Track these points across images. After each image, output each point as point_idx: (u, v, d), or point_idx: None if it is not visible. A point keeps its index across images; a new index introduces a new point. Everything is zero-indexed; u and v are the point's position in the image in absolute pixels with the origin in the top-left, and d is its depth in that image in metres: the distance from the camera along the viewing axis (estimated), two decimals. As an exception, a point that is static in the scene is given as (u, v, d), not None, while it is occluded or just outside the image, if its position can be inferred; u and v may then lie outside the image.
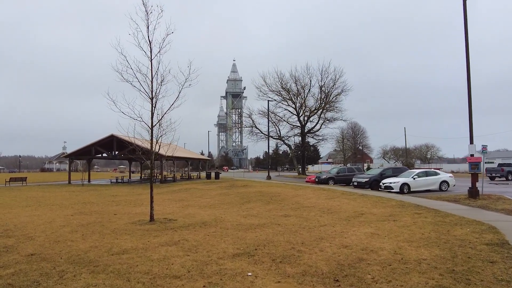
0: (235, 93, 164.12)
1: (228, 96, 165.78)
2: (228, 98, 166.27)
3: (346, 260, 6.81)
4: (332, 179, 30.24)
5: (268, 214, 13.50)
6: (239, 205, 16.81)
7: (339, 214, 13.00)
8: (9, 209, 16.06)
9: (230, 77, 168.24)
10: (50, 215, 14.01)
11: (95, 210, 15.50)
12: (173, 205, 17.01)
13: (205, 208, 15.90)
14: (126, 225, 11.32)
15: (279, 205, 16.07)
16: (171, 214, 13.76)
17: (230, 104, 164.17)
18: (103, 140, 37.27)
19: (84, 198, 21.42)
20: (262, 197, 19.48)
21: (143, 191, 26.48)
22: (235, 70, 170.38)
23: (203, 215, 13.32)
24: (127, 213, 14.42)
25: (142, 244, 8.46)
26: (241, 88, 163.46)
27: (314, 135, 56.03)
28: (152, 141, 12.02)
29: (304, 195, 19.79)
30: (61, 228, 10.83)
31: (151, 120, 11.92)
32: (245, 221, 11.75)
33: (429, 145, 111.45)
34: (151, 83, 11.80)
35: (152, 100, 11.84)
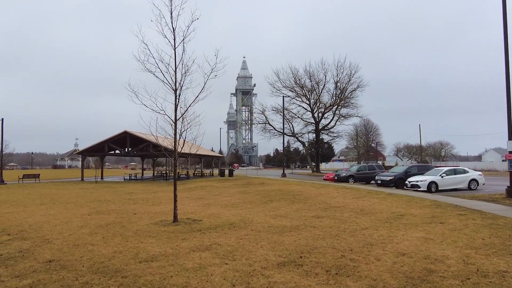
0: (245, 90, 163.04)
1: (238, 93, 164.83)
2: (238, 95, 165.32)
3: (412, 271, 5.84)
4: (352, 177, 29.16)
5: (297, 214, 12.56)
6: (262, 204, 15.89)
7: (376, 215, 12.01)
8: (23, 207, 15.38)
9: (240, 74, 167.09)
10: (66, 214, 13.25)
11: (112, 209, 14.72)
12: (193, 204, 16.16)
13: (228, 207, 15.02)
14: (148, 226, 10.48)
15: (305, 205, 15.12)
16: (194, 214, 12.90)
17: (240, 101, 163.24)
18: (116, 137, 36.61)
19: (99, 195, 20.70)
20: (284, 196, 18.54)
21: (158, 189, 25.74)
22: (245, 67, 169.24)
23: (228, 216, 12.43)
24: (146, 212, 13.60)
25: (171, 249, 7.58)
26: (251, 85, 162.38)
27: (329, 132, 54.86)
28: (176, 136, 11.13)
29: (328, 194, 18.81)
30: (79, 230, 10.03)
31: (174, 113, 11.04)
32: (275, 223, 10.83)
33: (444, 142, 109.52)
34: (174, 73, 10.91)
35: (175, 91, 10.96)
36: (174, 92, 10.97)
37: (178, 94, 10.89)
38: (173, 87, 10.95)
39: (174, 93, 10.97)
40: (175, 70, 10.89)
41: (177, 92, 10.97)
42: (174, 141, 11.18)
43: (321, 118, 53.27)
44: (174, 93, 10.97)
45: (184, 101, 11.16)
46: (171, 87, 10.97)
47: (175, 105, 11.01)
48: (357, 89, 49.69)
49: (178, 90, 10.94)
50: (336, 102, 51.24)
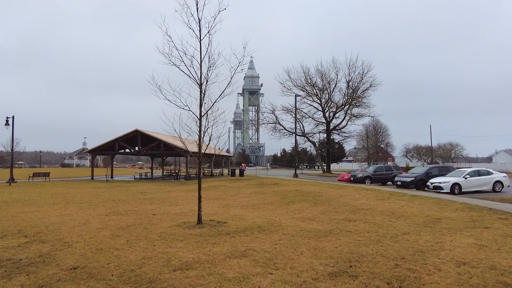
0: (252, 90, 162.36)
1: (245, 93, 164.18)
2: (245, 95, 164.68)
3: (486, 285, 5.16)
4: (369, 178, 28.39)
5: (325, 217, 11.89)
6: (283, 205, 15.23)
7: (411, 218, 11.30)
8: (37, 207, 14.85)
9: (247, 74, 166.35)
10: (82, 214, 12.68)
11: (129, 209, 14.13)
12: (212, 205, 15.52)
13: (249, 208, 14.37)
14: (172, 228, 9.86)
15: (329, 207, 14.44)
16: (216, 215, 12.26)
17: (247, 101, 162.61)
18: (127, 135, 36.10)
19: (112, 195, 20.15)
20: (304, 197, 17.86)
21: (171, 188, 25.16)
22: (252, 67, 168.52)
23: (253, 218, 11.78)
24: (166, 213, 12.99)
25: (204, 255, 6.95)
26: (258, 85, 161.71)
27: (340, 132, 54.01)
28: (201, 133, 10.50)
29: (350, 195, 18.08)
30: (99, 232, 9.43)
31: (199, 109, 10.41)
32: (306, 226, 10.16)
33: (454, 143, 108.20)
34: (199, 66, 10.28)
35: (200, 86, 10.33)
36: (199, 86, 10.34)
37: (203, 89, 10.25)
38: (198, 81, 10.32)
39: (199, 88, 10.34)
40: (200, 63, 10.26)
41: (202, 86, 10.34)
42: (199, 138, 10.54)
43: (333, 118, 52.44)
44: (199, 88, 10.34)
45: (209, 97, 10.53)
46: (196, 81, 10.35)
47: (200, 100, 10.38)
48: (370, 88, 48.84)
49: (203, 84, 10.30)
50: (348, 102, 50.40)
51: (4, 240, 8.49)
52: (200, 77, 10.28)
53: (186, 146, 10.90)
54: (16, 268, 6.21)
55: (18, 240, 8.43)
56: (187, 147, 11.02)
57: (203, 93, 10.25)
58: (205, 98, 10.34)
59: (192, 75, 10.32)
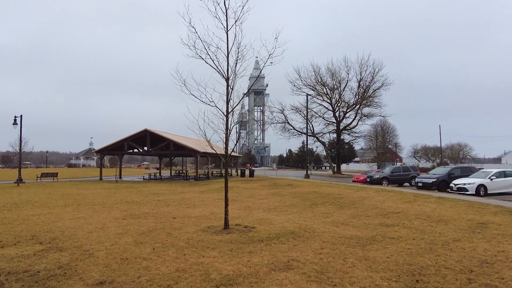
0: (258, 90, 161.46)
1: (251, 93, 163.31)
2: (250, 95, 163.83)
3: None
4: (386, 179, 27.49)
5: (358, 222, 11.09)
6: (307, 208, 14.44)
7: (452, 223, 10.47)
8: (48, 209, 14.14)
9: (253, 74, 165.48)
10: (98, 218, 11.95)
11: (146, 212, 13.39)
12: (231, 207, 14.69)
13: (272, 211, 13.60)
14: (197, 233, 9.09)
15: (357, 210, 13.62)
16: (240, 219, 11.50)
17: (253, 101, 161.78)
18: (136, 135, 35.41)
19: (125, 196, 19.43)
20: (326, 199, 17.03)
21: (183, 189, 24.42)
22: (257, 67, 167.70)
23: (281, 222, 11.00)
24: (186, 216, 12.23)
25: (245, 266, 6.17)
26: (264, 85, 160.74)
27: (351, 132, 53.09)
28: (227, 131, 9.73)
29: (373, 198, 17.23)
30: (120, 238, 8.68)
31: (226, 105, 9.64)
32: (342, 232, 9.36)
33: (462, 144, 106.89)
34: (226, 59, 9.51)
35: (227, 80, 9.56)
36: (226, 80, 9.57)
37: (231, 84, 9.48)
38: (225, 75, 9.55)
39: (226, 82, 9.57)
40: (227, 56, 9.49)
41: (230, 80, 9.57)
42: (225, 137, 9.76)
43: (343, 118, 51.54)
44: (226, 82, 9.57)
45: (237, 91, 9.77)
46: (223, 75, 9.58)
47: (227, 95, 9.61)
48: (381, 87, 47.87)
49: (230, 78, 9.53)
50: (358, 101, 49.48)
51: (18, 247, 7.75)
52: (227, 71, 9.52)
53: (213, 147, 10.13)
54: (35, 282, 5.46)
55: (33, 248, 7.69)
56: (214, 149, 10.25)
57: (231, 88, 9.48)
58: (232, 93, 9.57)
59: (218, 68, 9.56)
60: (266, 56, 9.49)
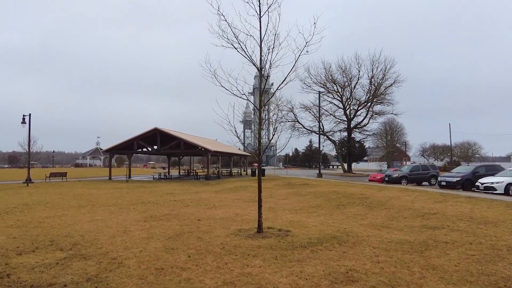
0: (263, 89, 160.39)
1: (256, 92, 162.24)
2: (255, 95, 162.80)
3: None
4: (405, 178, 26.59)
5: (399, 224, 10.29)
6: (336, 209, 13.64)
7: (502, 225, 9.62)
8: (62, 211, 13.44)
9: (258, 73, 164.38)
10: (117, 220, 11.21)
11: (166, 213, 12.64)
12: (253, 208, 13.96)
13: (300, 212, 12.81)
14: (230, 238, 8.32)
15: (390, 211, 12.80)
16: (269, 221, 10.70)
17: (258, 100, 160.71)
18: (145, 134, 34.71)
19: (139, 196, 18.70)
20: (350, 199, 16.21)
21: (197, 189, 23.67)
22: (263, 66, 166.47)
23: (315, 224, 10.21)
24: (210, 218, 11.47)
25: (301, 279, 5.40)
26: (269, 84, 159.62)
27: (362, 130, 52.16)
28: (260, 125, 8.95)
29: (399, 197, 16.36)
30: (147, 243, 7.92)
31: (259, 98, 8.86)
32: (388, 236, 8.56)
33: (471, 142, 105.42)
34: (259, 48, 8.72)
35: (260, 71, 8.77)
36: (259, 71, 8.79)
37: (265, 75, 8.68)
38: (258, 65, 8.77)
39: (259, 73, 8.78)
40: (260, 45, 8.69)
41: (263, 71, 8.78)
42: (258, 132, 8.99)
43: (354, 116, 50.60)
44: (259, 73, 8.78)
45: (270, 84, 8.96)
46: (255, 65, 8.80)
47: (260, 88, 8.82)
48: (393, 84, 46.88)
49: (264, 69, 8.75)
50: (370, 99, 48.53)
51: (38, 254, 7.01)
52: (260, 61, 8.73)
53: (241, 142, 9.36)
54: (64, 298, 4.71)
55: (54, 255, 6.95)
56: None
57: (266, 79, 8.69)
58: (266, 84, 8.78)
59: (250, 58, 8.78)
60: (302, 44, 8.67)
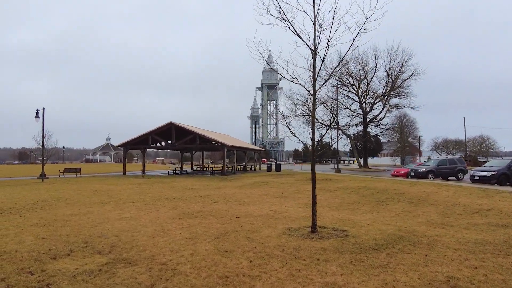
0: (271, 84, 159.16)
1: (264, 87, 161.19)
2: (263, 90, 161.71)
3: None
4: (432, 173, 25.53)
5: (459, 222, 9.37)
6: (378, 206, 12.73)
7: None
8: (85, 207, 12.64)
9: (266, 68, 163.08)
10: (149, 218, 10.38)
11: (197, 210, 11.79)
12: (287, 205, 13.09)
13: (341, 209, 11.92)
14: (284, 238, 7.43)
15: (439, 208, 11.84)
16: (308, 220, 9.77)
17: (266, 95, 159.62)
18: (160, 129, 33.89)
19: (160, 192, 17.88)
20: (388, 195, 15.23)
21: (218, 184, 22.83)
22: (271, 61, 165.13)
23: (370, 223, 9.31)
24: (248, 215, 10.59)
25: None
26: (277, 79, 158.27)
27: (379, 124, 50.95)
28: (314, 111, 8.03)
29: (438, 193, 15.30)
30: (194, 245, 7.05)
31: (312, 80, 7.93)
32: (461, 236, 7.65)
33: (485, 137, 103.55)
34: (313, 26, 7.77)
35: (314, 51, 7.82)
36: (312, 52, 7.84)
37: (323, 55, 7.73)
38: (311, 46, 7.82)
39: (313, 54, 7.84)
40: (314, 21, 7.74)
41: (316, 52, 7.84)
42: (312, 120, 8.05)
43: (371, 109, 49.37)
44: (313, 54, 7.84)
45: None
46: (308, 45, 7.85)
47: (314, 70, 7.88)
48: (411, 77, 45.51)
49: (322, 50, 7.79)
50: (387, 92, 47.28)
51: (74, 259, 6.17)
52: (314, 40, 7.77)
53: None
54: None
55: (93, 259, 6.10)
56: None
57: (323, 60, 7.75)
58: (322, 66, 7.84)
59: (298, 35, 7.82)
60: (361, 22, 7.69)
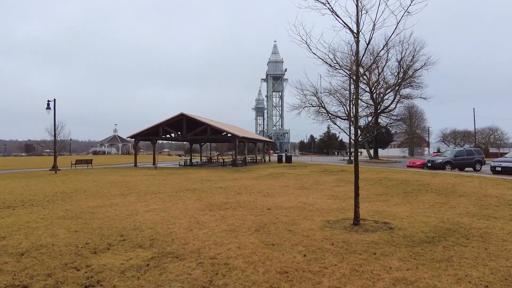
0: (276, 75, 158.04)
1: (269, 78, 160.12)
2: (269, 81, 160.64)
3: None
4: (450, 164, 25.14)
5: (501, 214, 9.04)
6: (408, 197, 12.39)
7: None
8: (107, 199, 12.38)
9: (271, 59, 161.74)
10: (177, 209, 10.11)
11: (224, 201, 11.51)
12: (314, 196, 12.77)
13: (371, 201, 11.60)
14: (327, 231, 7.13)
15: (471, 199, 11.50)
16: (349, 211, 9.48)
17: (271, 87, 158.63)
18: (171, 120, 33.60)
19: (180, 183, 17.61)
20: (413, 186, 14.89)
21: (233, 176, 22.55)
22: (276, 52, 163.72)
23: (408, 214, 8.99)
24: (279, 207, 10.30)
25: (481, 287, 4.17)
26: (282, 70, 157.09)
27: (389, 115, 50.34)
28: (357, 99, 7.67)
29: (462, 184, 14.95)
30: (236, 237, 6.77)
31: (356, 66, 7.55)
32: (511, 228, 7.28)
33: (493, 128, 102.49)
34: (355, 7, 7.37)
35: (357, 34, 7.43)
36: (354, 35, 7.45)
37: (368, 38, 7.33)
38: (354, 29, 7.42)
39: (355, 37, 7.44)
40: (357, 3, 7.33)
41: (359, 35, 7.44)
42: (355, 109, 7.71)
43: (382, 100, 48.71)
44: (355, 37, 7.44)
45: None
46: (351, 29, 7.45)
47: (357, 55, 7.50)
48: (423, 67, 44.72)
49: (366, 32, 7.39)
50: (398, 82, 46.58)
51: (116, 253, 5.89)
52: (356, 22, 7.37)
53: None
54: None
55: (136, 254, 5.83)
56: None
57: (368, 44, 7.36)
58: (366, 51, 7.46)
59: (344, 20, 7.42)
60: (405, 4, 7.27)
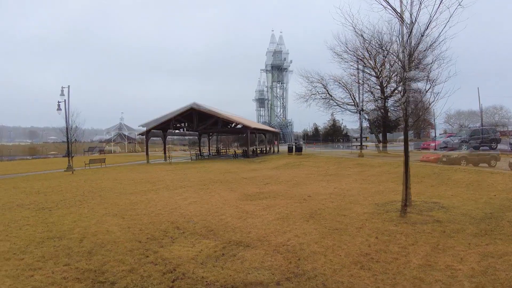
0: (278, 65, 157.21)
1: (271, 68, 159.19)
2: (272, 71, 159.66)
3: None
4: (465, 143, 25.21)
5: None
6: (437, 178, 12.42)
7: None
8: (140, 196, 12.38)
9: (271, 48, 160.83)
10: (216, 200, 10.17)
11: (257, 191, 11.57)
12: (345, 182, 12.82)
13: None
14: (384, 214, 7.23)
15: (504, 176, 11.54)
16: (384, 195, 9.53)
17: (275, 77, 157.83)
18: (182, 113, 33.39)
19: (203, 176, 17.64)
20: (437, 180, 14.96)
21: (250, 167, 22.60)
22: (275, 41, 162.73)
23: (451, 194, 9.03)
24: (318, 194, 10.36)
25: None
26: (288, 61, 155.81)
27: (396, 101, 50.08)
28: (405, 83, 7.67)
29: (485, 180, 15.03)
30: (293, 223, 6.88)
31: (408, 56, 7.53)
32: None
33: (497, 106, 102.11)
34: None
35: (402, 19, 7.38)
36: (398, 17, 7.40)
37: (414, 18, 7.28)
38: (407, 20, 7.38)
39: (400, 23, 7.40)
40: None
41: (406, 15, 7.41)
42: (405, 98, 7.70)
43: (387, 84, 48.44)
44: (400, 23, 7.40)
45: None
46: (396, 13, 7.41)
47: (401, 35, 7.48)
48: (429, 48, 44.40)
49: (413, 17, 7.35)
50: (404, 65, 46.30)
51: (183, 245, 5.96)
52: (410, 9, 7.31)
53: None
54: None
55: (203, 244, 5.91)
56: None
57: (413, 23, 7.31)
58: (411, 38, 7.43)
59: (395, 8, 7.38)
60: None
